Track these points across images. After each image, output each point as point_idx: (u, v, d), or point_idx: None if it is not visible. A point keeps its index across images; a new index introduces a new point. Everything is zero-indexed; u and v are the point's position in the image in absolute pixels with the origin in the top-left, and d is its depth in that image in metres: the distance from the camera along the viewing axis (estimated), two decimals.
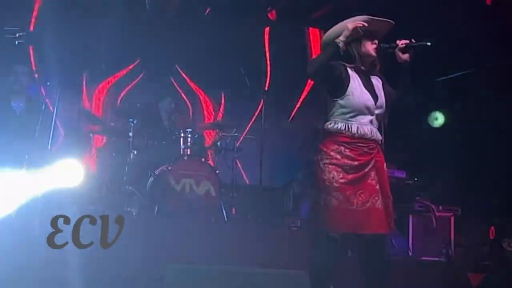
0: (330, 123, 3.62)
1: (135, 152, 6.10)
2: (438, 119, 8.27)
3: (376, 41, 3.63)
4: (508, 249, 3.64)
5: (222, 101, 7.80)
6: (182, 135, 6.21)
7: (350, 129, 3.54)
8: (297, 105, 8.28)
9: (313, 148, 6.95)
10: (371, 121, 3.60)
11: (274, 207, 6.74)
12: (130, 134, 5.93)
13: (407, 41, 3.59)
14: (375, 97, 3.62)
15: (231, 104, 7.92)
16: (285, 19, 8.15)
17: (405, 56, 3.59)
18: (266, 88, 7.32)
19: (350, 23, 3.53)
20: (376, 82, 3.70)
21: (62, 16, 7.05)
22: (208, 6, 7.80)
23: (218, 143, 6.59)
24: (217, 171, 6.15)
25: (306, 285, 3.49)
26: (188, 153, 6.14)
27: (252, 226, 6.17)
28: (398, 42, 3.61)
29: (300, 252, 5.51)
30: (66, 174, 5.25)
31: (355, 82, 3.58)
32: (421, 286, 5.98)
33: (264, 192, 6.89)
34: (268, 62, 8.24)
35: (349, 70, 3.59)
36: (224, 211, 6.16)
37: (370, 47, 3.61)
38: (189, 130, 6.28)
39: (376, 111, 3.62)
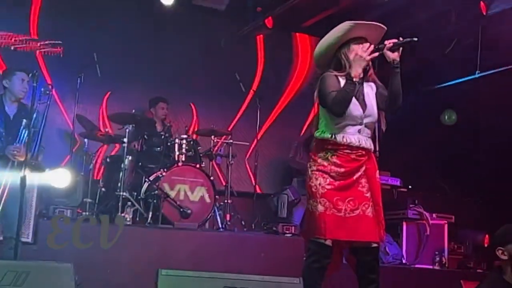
0: (318, 132, 3.64)
1: (130, 158, 6.08)
2: (451, 116, 8.25)
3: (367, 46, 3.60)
4: (502, 258, 3.62)
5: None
6: (176, 141, 6.21)
7: (335, 138, 3.55)
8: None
9: (306, 154, 7.00)
10: (359, 131, 3.59)
11: (268, 214, 6.74)
12: (125, 140, 5.91)
13: (395, 40, 3.55)
14: (363, 106, 3.60)
15: (225, 110, 7.91)
16: (280, 25, 8.16)
17: (394, 55, 3.53)
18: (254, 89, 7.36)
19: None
20: (368, 90, 3.66)
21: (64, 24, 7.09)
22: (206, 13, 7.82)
23: (212, 150, 6.58)
24: (212, 178, 6.14)
25: None
26: (183, 159, 6.13)
27: (246, 233, 6.16)
28: (386, 42, 3.57)
29: (294, 259, 5.51)
30: (53, 178, 5.29)
31: None
32: None
33: (259, 199, 6.89)
34: (261, 68, 8.24)
35: (340, 79, 3.56)
36: (218, 217, 6.15)
37: (361, 53, 3.57)
38: (184, 136, 6.28)
39: (365, 120, 3.60)
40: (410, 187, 7.47)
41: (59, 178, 5.44)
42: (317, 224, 3.48)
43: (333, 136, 3.55)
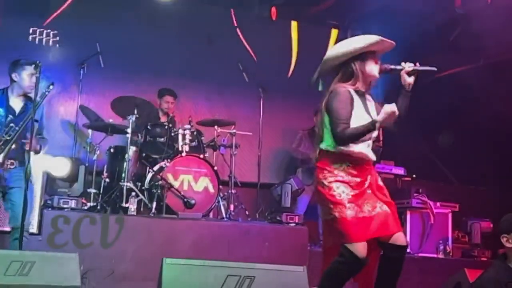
0: (328, 144, 3.54)
1: (134, 149, 6.09)
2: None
3: (379, 62, 3.59)
4: (507, 245, 3.62)
5: None
6: (180, 131, 6.20)
7: (350, 151, 3.49)
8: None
9: (310, 144, 6.99)
10: (368, 145, 3.58)
11: (272, 204, 6.75)
12: (129, 130, 5.91)
13: (412, 64, 3.55)
14: None
15: (228, 100, 7.91)
16: (286, 15, 8.14)
17: (411, 80, 3.55)
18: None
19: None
20: (370, 102, 3.65)
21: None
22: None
23: (216, 140, 6.59)
24: (216, 168, 6.15)
25: (303, 280, 3.50)
26: (187, 149, 6.13)
27: (250, 222, 6.17)
28: (403, 64, 3.57)
29: (298, 248, 5.53)
30: (53, 166, 5.33)
31: (358, 107, 3.52)
32: (418, 282, 6.00)
33: (262, 189, 6.89)
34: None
35: (352, 93, 3.51)
36: (222, 207, 6.16)
37: (374, 68, 3.55)
38: (188, 126, 6.27)
39: (373, 135, 3.58)
40: (414, 176, 7.46)
41: (58, 166, 5.47)
42: (349, 229, 3.39)
43: (346, 150, 3.49)
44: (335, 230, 3.47)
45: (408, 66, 3.53)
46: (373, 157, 3.61)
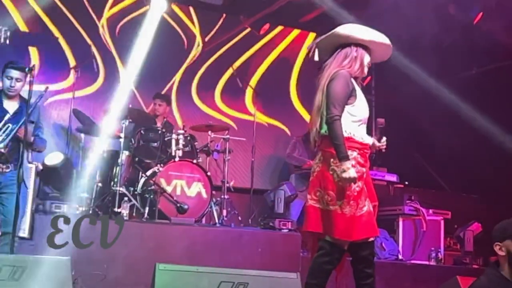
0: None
1: (127, 153, 6.07)
2: None
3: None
4: (500, 253, 3.63)
5: None
6: (173, 136, 6.19)
7: (356, 137, 3.51)
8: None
9: (305, 150, 6.99)
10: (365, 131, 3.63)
11: (265, 210, 6.74)
12: (122, 134, 5.89)
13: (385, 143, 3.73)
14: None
15: (222, 106, 7.91)
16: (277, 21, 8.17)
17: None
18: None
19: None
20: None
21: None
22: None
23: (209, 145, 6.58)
24: (209, 173, 6.14)
25: (296, 287, 3.50)
26: (180, 154, 6.11)
27: (243, 228, 6.16)
28: (382, 141, 3.72)
29: (291, 254, 5.52)
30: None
31: (359, 92, 3.58)
32: None
33: (255, 194, 6.89)
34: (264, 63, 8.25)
35: (352, 80, 3.57)
36: (215, 213, 6.15)
37: (366, 66, 3.63)
38: (181, 131, 6.26)
39: (367, 116, 3.65)
40: (406, 183, 7.47)
41: (51, 156, 5.48)
42: (342, 226, 3.40)
43: (354, 135, 3.51)
44: (325, 218, 3.45)
45: (383, 142, 3.69)
46: (370, 140, 3.64)
